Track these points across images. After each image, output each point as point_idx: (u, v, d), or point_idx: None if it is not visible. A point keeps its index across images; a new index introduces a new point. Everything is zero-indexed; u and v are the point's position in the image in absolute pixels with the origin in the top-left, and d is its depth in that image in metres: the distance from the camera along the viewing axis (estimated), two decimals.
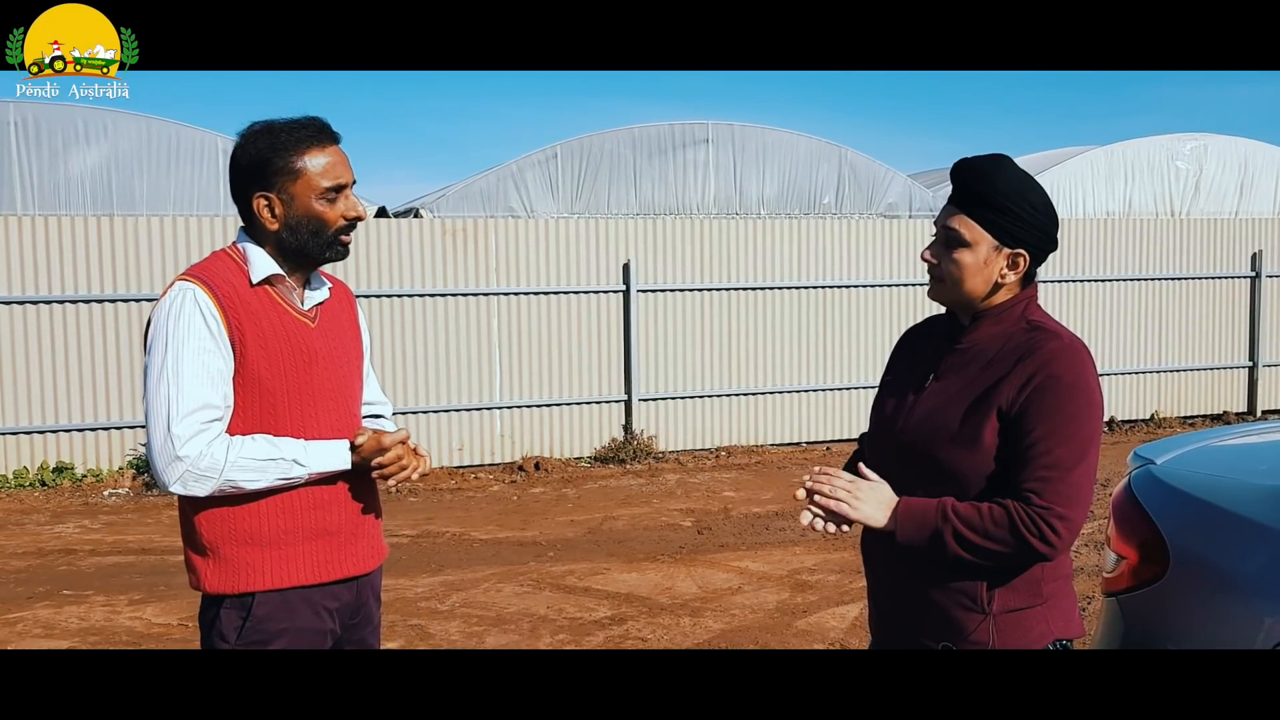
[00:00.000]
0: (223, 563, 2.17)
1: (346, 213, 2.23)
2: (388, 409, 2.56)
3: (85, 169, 9.59)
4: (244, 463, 2.10)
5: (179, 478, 2.09)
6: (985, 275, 2.00)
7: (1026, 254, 2.00)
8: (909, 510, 1.95)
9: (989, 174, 1.98)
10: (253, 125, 2.21)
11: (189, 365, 2.10)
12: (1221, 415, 11.47)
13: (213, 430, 2.11)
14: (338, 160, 2.21)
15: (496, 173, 10.65)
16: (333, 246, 2.24)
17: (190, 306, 2.12)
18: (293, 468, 2.15)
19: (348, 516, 2.27)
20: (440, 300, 9.12)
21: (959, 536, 1.90)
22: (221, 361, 2.13)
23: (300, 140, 2.18)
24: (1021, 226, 1.98)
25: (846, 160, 11.61)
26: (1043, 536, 1.87)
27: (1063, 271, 10.79)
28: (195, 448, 2.08)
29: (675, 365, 9.77)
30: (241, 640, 2.16)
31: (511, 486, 8.75)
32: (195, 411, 2.09)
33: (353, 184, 2.25)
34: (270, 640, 2.17)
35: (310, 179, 2.18)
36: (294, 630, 2.19)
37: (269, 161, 2.17)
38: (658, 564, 6.32)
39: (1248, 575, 2.27)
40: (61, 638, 5.15)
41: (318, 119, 2.23)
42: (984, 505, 1.91)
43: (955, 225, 2.00)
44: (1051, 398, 1.91)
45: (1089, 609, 4.73)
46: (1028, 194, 1.98)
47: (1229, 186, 13.57)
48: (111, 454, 8.56)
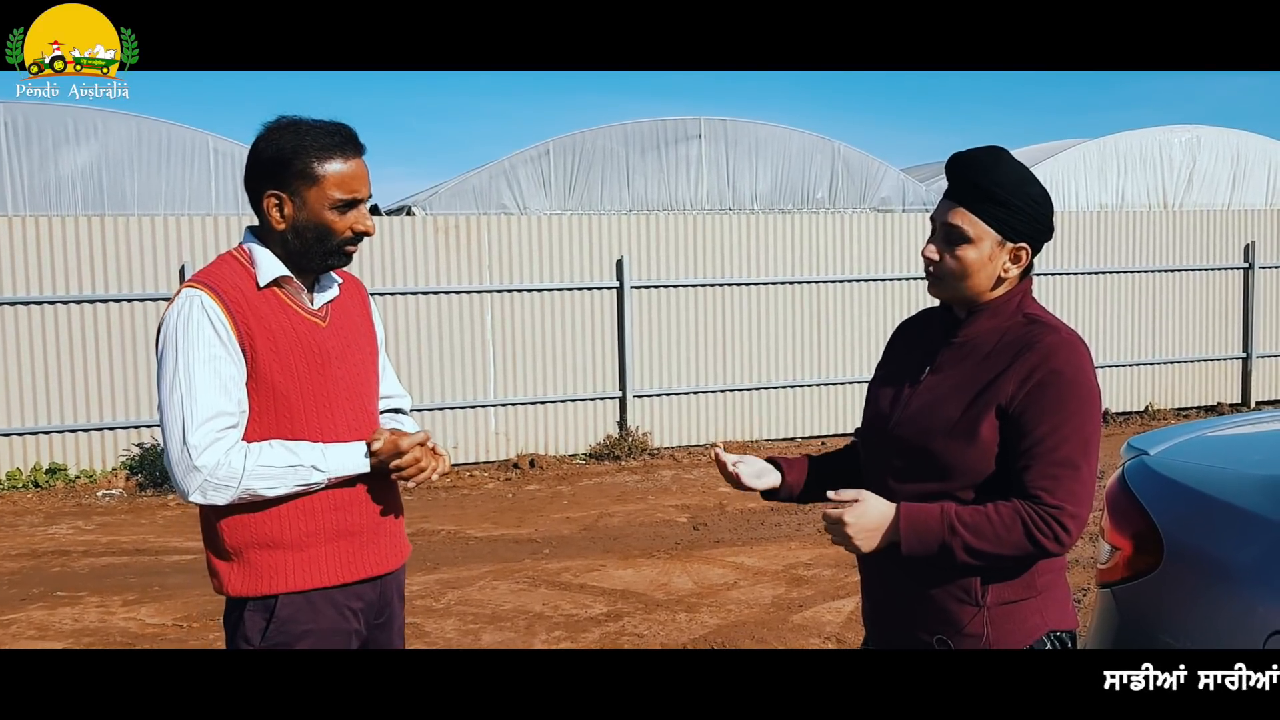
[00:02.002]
0: (245, 566, 2.16)
1: (355, 225, 2.20)
2: (406, 402, 2.53)
3: (76, 168, 9.56)
4: (262, 471, 2.09)
5: (198, 487, 2.08)
6: (989, 271, 1.97)
7: (1028, 248, 1.98)
8: (912, 524, 1.90)
9: (989, 167, 1.95)
10: (280, 119, 2.18)
11: (200, 373, 2.08)
12: (1215, 407, 11.49)
13: (229, 438, 2.10)
14: (358, 174, 2.18)
15: (489, 170, 10.63)
16: (335, 255, 2.21)
17: (198, 314, 2.10)
18: (311, 474, 2.13)
19: (368, 516, 2.26)
20: (433, 298, 9.10)
21: (968, 548, 1.88)
22: (233, 367, 2.11)
23: (326, 147, 2.14)
24: (1024, 220, 1.95)
25: (839, 155, 11.61)
26: (1056, 537, 1.86)
27: (1056, 265, 10.79)
28: (213, 457, 2.07)
29: (669, 361, 9.77)
30: (266, 642, 2.15)
31: (506, 484, 8.74)
32: (210, 420, 2.08)
33: (368, 199, 2.22)
34: (294, 641, 2.16)
35: (327, 187, 2.14)
36: (318, 631, 2.18)
37: (289, 162, 2.13)
38: (653, 560, 6.32)
39: (1242, 565, 2.27)
40: (56, 639, 5.13)
41: (347, 127, 2.19)
42: (989, 510, 1.88)
43: (957, 221, 1.96)
44: (1053, 394, 1.89)
45: (1083, 601, 4.73)
46: (1028, 186, 1.96)
47: (1222, 178, 13.60)
48: (105, 455, 8.53)
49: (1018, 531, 1.86)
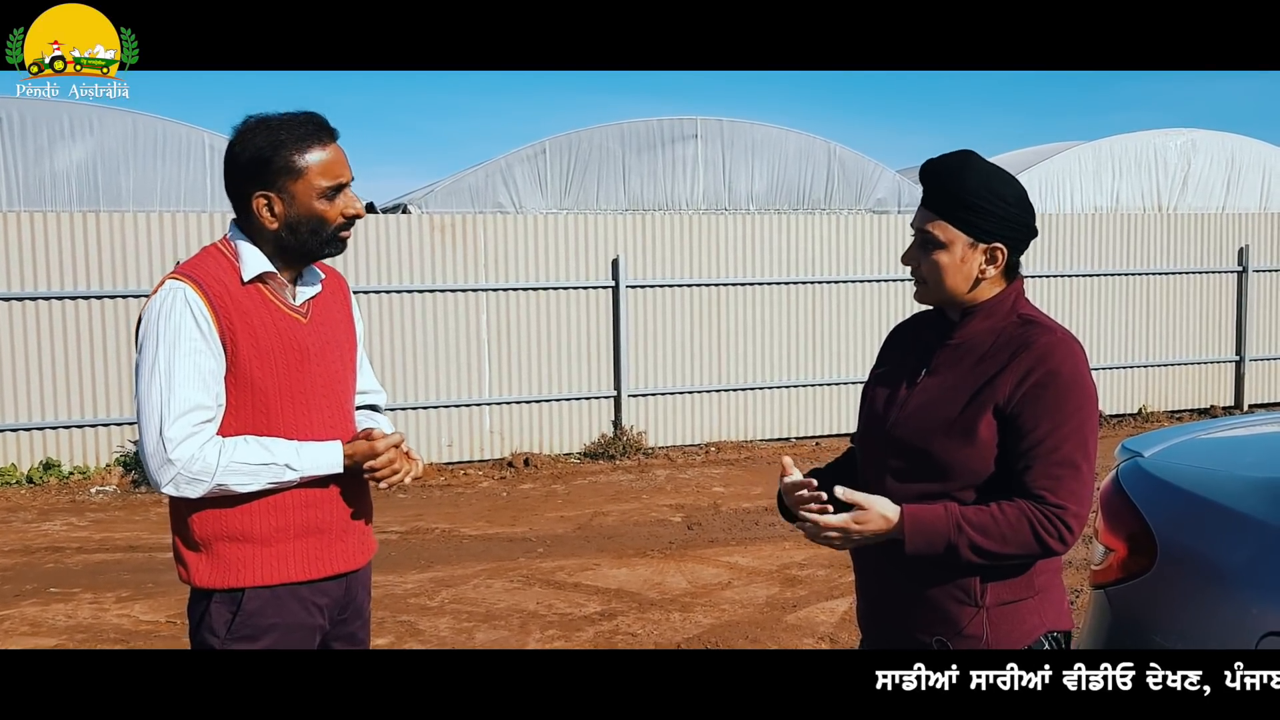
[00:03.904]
0: (213, 558, 2.16)
1: (346, 210, 2.21)
2: (381, 398, 2.54)
3: (71, 165, 9.53)
4: (236, 467, 2.10)
5: (171, 480, 2.08)
6: (965, 273, 2.00)
7: (1004, 247, 2.00)
8: (917, 523, 1.91)
9: (955, 172, 1.98)
10: (248, 120, 2.17)
11: (180, 366, 2.08)
12: (1209, 409, 11.52)
13: (205, 432, 2.10)
14: (338, 158, 2.19)
15: (485, 168, 10.62)
16: (332, 243, 2.22)
17: (180, 306, 2.10)
18: (284, 472, 2.14)
19: (338, 514, 2.26)
20: (429, 296, 9.09)
21: (974, 546, 1.88)
22: (213, 361, 2.11)
23: (300, 138, 2.14)
24: (992, 221, 1.97)
25: (835, 156, 11.61)
26: (1060, 536, 1.88)
27: (1050, 267, 10.81)
28: (188, 451, 2.07)
29: (665, 361, 9.77)
30: (231, 634, 2.15)
31: (501, 483, 8.73)
32: (187, 413, 2.08)
33: (351, 181, 2.23)
34: (259, 635, 2.16)
35: (311, 178, 2.15)
36: (283, 626, 2.18)
37: (269, 160, 2.13)
38: (647, 559, 6.32)
39: (1235, 567, 2.28)
40: (48, 635, 5.12)
41: (315, 115, 2.19)
42: (994, 509, 1.89)
43: (929, 229, 2.01)
44: (1051, 394, 1.91)
45: (1076, 602, 4.75)
46: (997, 187, 1.98)
47: (1216, 182, 13.62)
48: (99, 451, 8.52)
49: (1024, 531, 1.88)
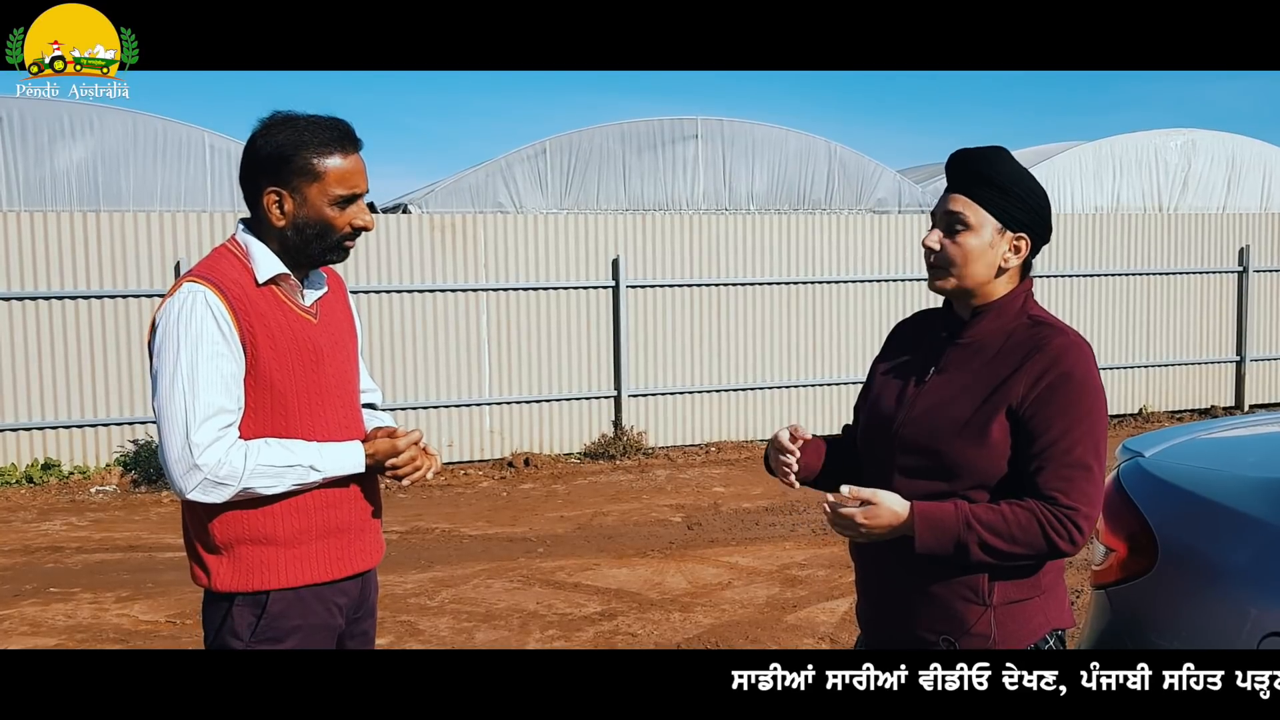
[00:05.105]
0: (236, 561, 2.15)
1: (355, 220, 2.20)
2: (378, 396, 2.54)
3: (71, 164, 9.53)
4: (262, 470, 2.09)
5: (197, 485, 2.07)
6: (989, 259, 1.98)
7: (1028, 239, 2.00)
8: (927, 520, 1.90)
9: (989, 158, 1.99)
10: (275, 115, 2.17)
11: (204, 370, 2.07)
12: (1209, 410, 11.51)
13: (229, 436, 2.10)
14: (357, 169, 2.18)
15: (485, 168, 10.62)
16: (334, 251, 2.21)
17: (201, 309, 2.09)
18: (308, 474, 2.14)
19: (357, 514, 2.28)
20: (429, 296, 9.09)
21: (984, 545, 1.88)
22: (234, 365, 2.11)
23: (324, 142, 2.14)
24: (1023, 209, 1.97)
25: (836, 156, 11.62)
26: (1070, 537, 1.88)
27: (1052, 267, 10.81)
28: (214, 455, 2.06)
29: (665, 361, 9.76)
30: (256, 637, 2.15)
31: (501, 483, 8.73)
32: (212, 417, 2.07)
33: (366, 193, 2.23)
34: (284, 637, 2.16)
35: (327, 183, 2.14)
36: (307, 627, 2.19)
37: (289, 158, 2.12)
38: (648, 559, 6.32)
39: (1236, 567, 2.28)
40: (48, 635, 5.12)
41: (343, 122, 2.19)
42: (1005, 509, 1.89)
43: (957, 208, 1.98)
44: (1065, 396, 1.90)
45: (1077, 602, 4.74)
46: (1027, 179, 1.99)
47: (1217, 182, 13.62)
48: (99, 451, 8.51)
49: (1035, 531, 1.87)
